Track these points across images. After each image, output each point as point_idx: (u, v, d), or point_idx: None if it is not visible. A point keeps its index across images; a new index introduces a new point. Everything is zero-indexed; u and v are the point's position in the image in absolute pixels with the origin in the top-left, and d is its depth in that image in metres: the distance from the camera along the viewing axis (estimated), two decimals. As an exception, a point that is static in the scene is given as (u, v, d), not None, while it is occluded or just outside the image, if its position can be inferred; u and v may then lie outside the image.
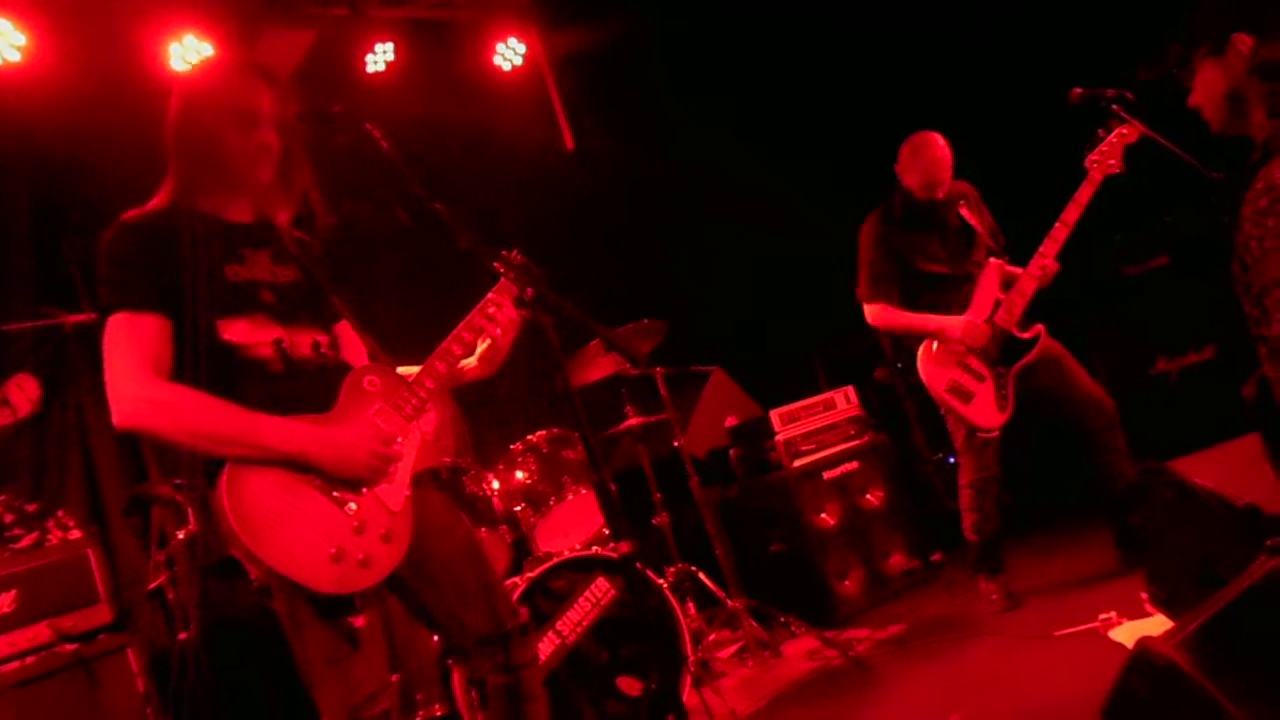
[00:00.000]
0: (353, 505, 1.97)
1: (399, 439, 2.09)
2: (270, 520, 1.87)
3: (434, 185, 1.97)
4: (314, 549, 1.88)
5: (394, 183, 1.94)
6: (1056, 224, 3.59)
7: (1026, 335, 3.68)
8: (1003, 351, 3.65)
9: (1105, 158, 3.53)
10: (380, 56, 5.30)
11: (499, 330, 2.29)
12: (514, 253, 2.32)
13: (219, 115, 2.07)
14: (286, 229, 2.25)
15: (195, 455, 1.93)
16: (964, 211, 3.83)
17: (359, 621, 1.94)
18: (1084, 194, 3.56)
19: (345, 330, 2.27)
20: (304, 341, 2.11)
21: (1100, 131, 3.52)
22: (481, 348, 2.34)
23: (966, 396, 3.61)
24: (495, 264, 2.09)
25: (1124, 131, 3.46)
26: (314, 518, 1.91)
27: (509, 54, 5.82)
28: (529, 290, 2.07)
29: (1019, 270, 3.70)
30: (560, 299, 2.06)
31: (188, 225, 2.01)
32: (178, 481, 3.64)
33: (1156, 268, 4.85)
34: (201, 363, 1.95)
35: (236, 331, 2.01)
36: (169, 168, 2.12)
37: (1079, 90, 3.36)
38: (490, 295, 2.28)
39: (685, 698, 3.27)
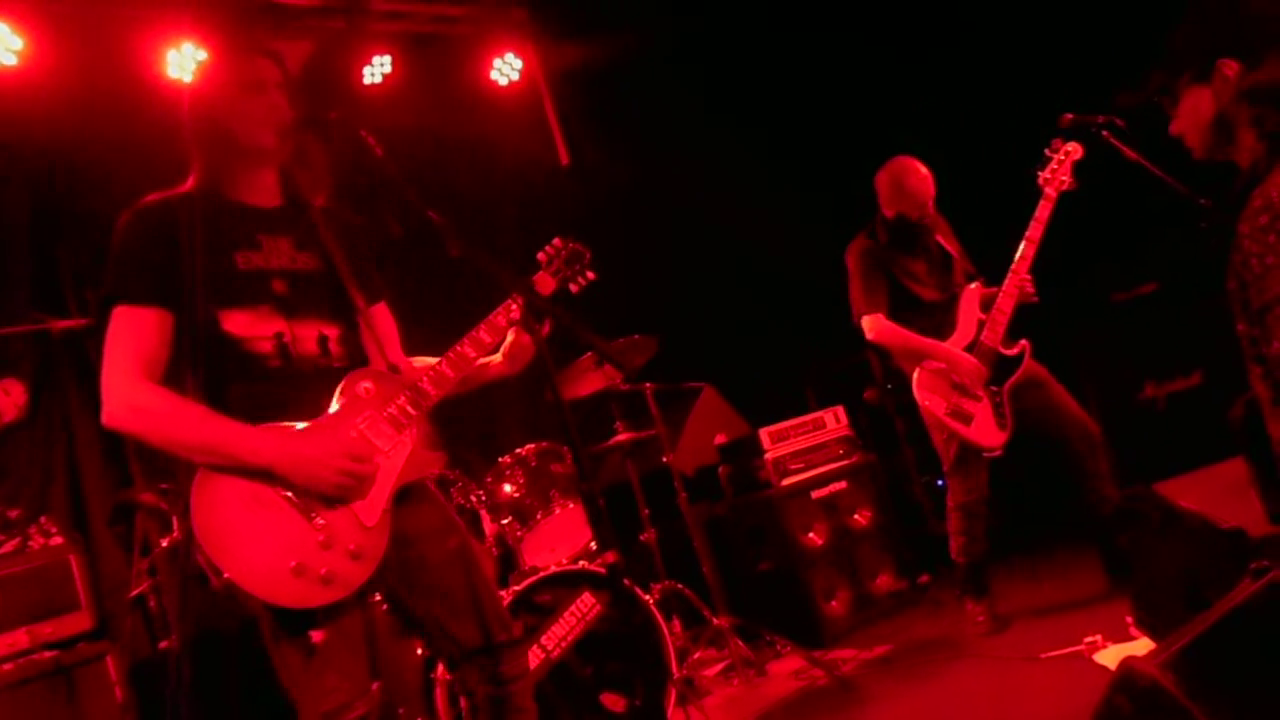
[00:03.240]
0: (322, 520, 1.93)
1: (379, 453, 2.04)
2: (232, 530, 1.85)
3: (429, 196, 1.96)
4: (274, 562, 1.85)
5: (388, 190, 1.94)
6: (1023, 242, 3.65)
7: (1012, 352, 3.71)
8: (993, 371, 3.67)
9: (1056, 175, 3.62)
10: (377, 69, 5.32)
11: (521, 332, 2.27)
12: (569, 239, 2.32)
13: (225, 87, 2.09)
14: (322, 210, 2.22)
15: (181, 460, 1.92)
16: (940, 238, 3.91)
17: (316, 637, 1.92)
18: (1043, 211, 3.63)
19: (372, 320, 2.18)
20: (309, 335, 2.07)
21: (1047, 151, 3.63)
22: (509, 341, 2.30)
23: (967, 419, 3.63)
24: (505, 272, 2.08)
25: (1069, 149, 3.60)
26: (278, 530, 1.88)
27: (506, 69, 5.85)
28: (520, 299, 2.07)
29: (995, 290, 3.74)
30: (558, 308, 2.06)
31: (200, 210, 2.00)
32: (163, 486, 3.62)
33: (1144, 294, 4.89)
34: (200, 355, 1.93)
35: (238, 323, 1.98)
36: (191, 155, 2.12)
37: (1070, 116, 3.39)
38: (512, 296, 2.23)
39: (670, 715, 3.25)
